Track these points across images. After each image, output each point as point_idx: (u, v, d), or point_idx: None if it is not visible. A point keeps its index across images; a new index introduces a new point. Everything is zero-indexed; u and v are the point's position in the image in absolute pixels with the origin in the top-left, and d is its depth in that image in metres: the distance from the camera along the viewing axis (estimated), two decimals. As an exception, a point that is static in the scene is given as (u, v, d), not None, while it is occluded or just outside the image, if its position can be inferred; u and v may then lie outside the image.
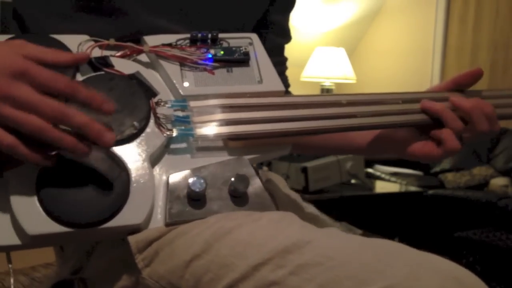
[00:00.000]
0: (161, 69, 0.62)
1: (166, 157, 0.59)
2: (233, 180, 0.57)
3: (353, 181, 2.75)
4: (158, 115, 0.58)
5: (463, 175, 3.11)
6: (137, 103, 0.58)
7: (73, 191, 0.51)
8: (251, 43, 0.67)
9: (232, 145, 0.61)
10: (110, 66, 0.59)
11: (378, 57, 4.02)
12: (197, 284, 0.51)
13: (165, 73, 0.62)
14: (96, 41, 0.60)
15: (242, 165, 0.60)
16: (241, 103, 0.62)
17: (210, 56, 0.63)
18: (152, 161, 0.57)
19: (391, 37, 3.96)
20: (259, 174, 0.79)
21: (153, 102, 0.59)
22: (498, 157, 3.22)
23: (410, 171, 3.28)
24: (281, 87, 0.66)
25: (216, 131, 0.59)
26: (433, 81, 3.69)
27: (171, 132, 0.58)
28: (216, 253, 0.51)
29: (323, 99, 0.66)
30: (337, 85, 3.69)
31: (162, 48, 0.62)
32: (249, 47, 0.66)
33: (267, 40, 0.80)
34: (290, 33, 0.86)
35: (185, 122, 0.59)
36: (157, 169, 0.58)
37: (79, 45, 0.59)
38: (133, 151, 0.56)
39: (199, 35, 0.63)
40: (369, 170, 3.21)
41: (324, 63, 3.45)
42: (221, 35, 0.65)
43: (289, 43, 0.88)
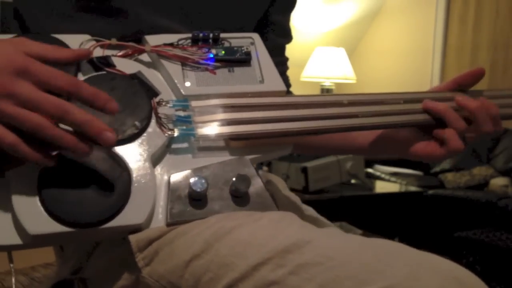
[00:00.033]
0: (162, 69, 0.62)
1: (167, 157, 0.59)
2: (234, 180, 0.57)
3: (353, 181, 2.75)
4: (159, 115, 0.58)
5: (463, 175, 3.11)
6: (139, 102, 0.57)
7: (75, 191, 0.51)
8: (253, 43, 0.67)
9: (233, 145, 0.61)
10: (111, 65, 0.59)
11: (378, 57, 4.02)
12: (197, 283, 0.51)
13: (166, 73, 0.62)
14: (97, 41, 0.60)
15: (243, 165, 0.60)
16: (243, 103, 0.62)
17: (211, 56, 0.63)
18: (153, 161, 0.57)
19: (391, 37, 3.96)
20: (260, 174, 0.79)
21: (155, 101, 0.59)
22: (498, 157, 3.22)
23: (410, 171, 3.29)
24: (282, 87, 0.66)
25: (217, 131, 0.59)
26: (433, 81, 3.69)
27: (172, 132, 0.58)
28: (216, 253, 0.51)
29: (325, 99, 0.65)
30: (337, 85, 3.69)
31: (163, 47, 0.62)
32: (251, 47, 0.66)
33: (268, 40, 0.80)
34: (291, 33, 0.86)
35: (186, 122, 0.59)
36: (159, 169, 0.58)
37: (81, 44, 0.59)
38: (135, 151, 0.56)
39: (201, 34, 0.63)
40: (369, 170, 3.21)
41: (324, 63, 3.45)
42: (223, 34, 0.65)
43: (289, 43, 0.88)
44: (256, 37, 0.67)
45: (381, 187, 2.99)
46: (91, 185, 0.52)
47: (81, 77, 0.58)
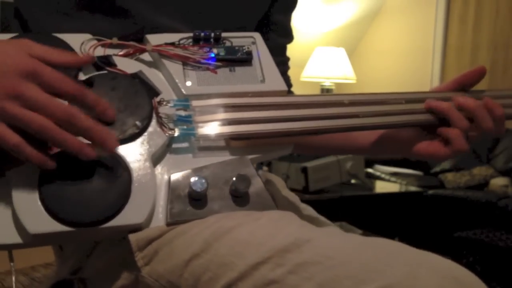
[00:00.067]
0: (163, 68, 0.62)
1: (168, 156, 0.59)
2: (234, 180, 0.57)
3: (353, 181, 2.75)
4: (160, 115, 0.58)
5: (463, 175, 3.11)
6: (140, 102, 0.57)
7: (75, 190, 0.51)
8: (254, 42, 0.66)
9: (234, 145, 0.61)
10: (112, 65, 0.59)
11: (378, 57, 4.02)
12: (196, 283, 0.52)
13: (167, 72, 0.61)
14: (98, 40, 0.60)
15: (243, 165, 0.60)
16: (243, 103, 0.62)
17: (213, 55, 0.63)
18: (154, 161, 0.57)
19: (391, 37, 3.96)
20: (259, 174, 0.79)
21: (156, 101, 0.59)
22: (498, 157, 3.22)
23: (410, 171, 3.29)
24: (283, 86, 0.66)
25: (218, 130, 0.59)
26: (433, 81, 3.69)
27: (173, 131, 0.58)
28: (215, 253, 0.51)
29: (325, 99, 0.65)
30: (337, 85, 3.69)
31: (165, 47, 0.62)
32: (252, 46, 0.66)
33: (269, 40, 0.80)
34: (292, 33, 0.86)
35: (187, 121, 0.59)
36: (159, 168, 0.58)
37: (82, 44, 0.59)
38: (135, 151, 0.56)
39: (202, 34, 0.63)
40: (369, 170, 3.21)
41: (324, 63, 3.45)
42: (224, 34, 0.65)
43: (290, 43, 0.87)
44: (257, 36, 0.67)
45: (381, 187, 2.99)
46: (91, 184, 0.52)
47: (82, 77, 0.58)
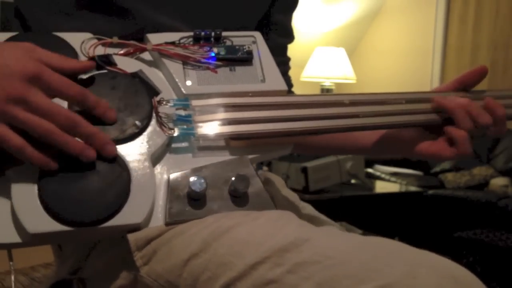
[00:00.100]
0: (163, 68, 0.62)
1: (167, 156, 0.59)
2: (233, 180, 0.57)
3: (353, 181, 2.75)
4: (160, 114, 0.58)
5: (463, 175, 3.11)
6: (139, 101, 0.57)
7: (74, 190, 0.51)
8: (255, 42, 0.66)
9: (233, 145, 0.61)
10: (113, 64, 0.59)
11: (378, 57, 4.02)
12: (195, 282, 0.51)
13: (167, 72, 0.61)
14: (99, 39, 0.60)
15: (242, 165, 0.60)
16: (244, 103, 0.61)
17: (213, 54, 0.63)
18: (153, 160, 0.57)
19: (391, 37, 3.96)
20: (258, 174, 0.79)
21: (155, 100, 0.59)
22: (498, 157, 3.22)
23: (410, 171, 3.29)
24: (283, 86, 0.65)
25: (217, 130, 0.59)
26: (433, 81, 3.69)
27: (172, 131, 0.58)
28: (214, 252, 0.51)
29: (326, 99, 0.65)
30: (337, 85, 3.69)
31: (165, 46, 0.62)
32: (253, 45, 0.66)
33: (270, 40, 0.80)
34: (293, 33, 0.86)
35: (186, 121, 0.59)
36: (158, 168, 0.58)
37: (82, 43, 0.59)
38: (135, 150, 0.56)
39: (203, 33, 0.63)
40: (369, 170, 3.21)
41: (324, 63, 3.45)
42: (225, 33, 0.64)
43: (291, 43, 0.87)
44: (258, 35, 0.67)
45: (381, 187, 2.99)
46: (90, 184, 0.52)
47: (83, 76, 0.57)
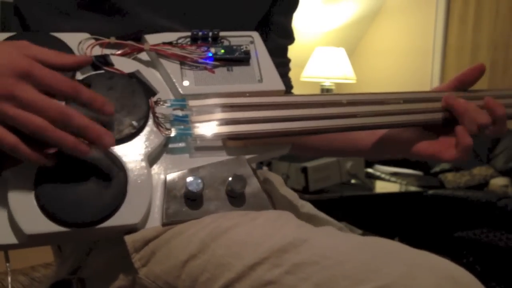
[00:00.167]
0: (161, 68, 0.62)
1: (164, 156, 0.59)
2: (230, 180, 0.57)
3: (353, 181, 2.75)
4: (157, 115, 0.58)
5: (463, 175, 3.10)
6: (136, 102, 0.57)
7: (71, 191, 0.51)
8: (252, 42, 0.66)
9: (231, 145, 0.61)
10: (110, 64, 0.59)
11: (378, 57, 4.02)
12: (194, 284, 0.51)
13: (165, 72, 0.61)
14: (96, 39, 0.60)
15: (239, 165, 0.60)
16: (241, 103, 0.61)
17: (210, 54, 0.63)
18: (150, 161, 0.57)
19: (391, 37, 3.95)
20: (257, 173, 0.79)
21: (152, 101, 0.59)
22: (498, 157, 3.22)
23: (410, 171, 3.28)
24: (281, 86, 0.65)
25: (215, 130, 0.59)
26: (433, 81, 3.69)
27: (169, 131, 0.58)
28: (212, 253, 0.51)
29: (324, 99, 0.65)
30: (337, 85, 3.69)
31: (162, 46, 0.62)
32: (250, 45, 0.66)
33: (270, 41, 0.80)
34: (293, 34, 0.86)
35: (184, 121, 0.59)
36: (155, 168, 0.58)
37: (80, 43, 0.59)
38: (131, 151, 0.56)
39: (200, 33, 0.63)
40: (369, 170, 3.21)
41: (324, 63, 3.45)
42: (222, 33, 0.64)
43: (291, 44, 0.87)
44: (255, 35, 0.67)
45: (381, 187, 2.99)
46: (87, 185, 0.52)
47: (80, 76, 0.57)
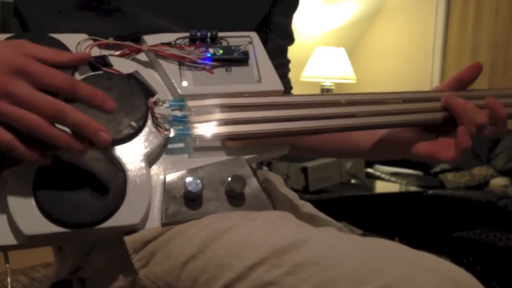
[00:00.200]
0: (159, 69, 0.62)
1: (163, 157, 0.59)
2: (229, 180, 0.57)
3: (353, 181, 2.75)
4: (156, 115, 0.58)
5: (463, 175, 3.11)
6: (135, 102, 0.57)
7: (70, 192, 0.51)
8: (251, 42, 0.66)
9: (230, 145, 0.61)
10: (108, 65, 0.59)
11: (378, 57, 4.02)
12: (194, 284, 0.51)
13: (163, 73, 0.61)
14: (95, 40, 0.60)
15: (239, 165, 0.60)
16: (240, 103, 0.61)
17: (209, 55, 0.63)
18: (149, 161, 0.57)
19: (391, 37, 3.95)
20: (257, 173, 0.79)
21: (151, 101, 0.59)
22: (498, 157, 3.22)
23: (410, 171, 3.28)
24: (280, 86, 0.65)
25: (213, 131, 0.59)
26: (433, 81, 3.69)
27: (168, 132, 0.58)
28: (212, 254, 0.51)
29: (322, 99, 0.65)
30: (337, 85, 3.69)
31: (161, 47, 0.62)
32: (249, 46, 0.66)
33: (270, 41, 0.79)
34: (293, 35, 0.86)
35: (182, 122, 0.59)
36: (155, 169, 0.58)
37: (78, 44, 0.59)
38: (130, 151, 0.56)
39: (198, 34, 0.63)
40: (369, 170, 3.21)
41: (324, 63, 3.45)
42: (221, 34, 0.64)
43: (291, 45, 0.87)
44: (254, 36, 0.67)
45: (381, 187, 3.00)
46: (86, 185, 0.52)
47: (78, 77, 0.57)
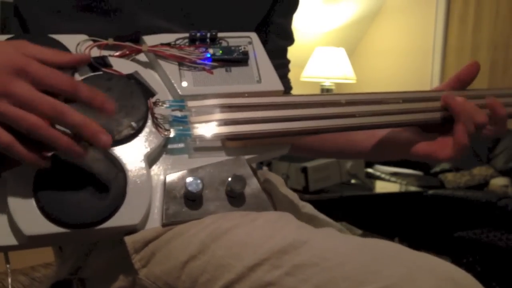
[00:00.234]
0: (159, 69, 0.62)
1: (163, 157, 0.59)
2: (229, 180, 0.57)
3: (353, 181, 2.75)
4: (156, 115, 0.58)
5: (463, 175, 3.11)
6: (135, 103, 0.57)
7: (70, 192, 0.51)
8: (250, 42, 0.66)
9: (230, 145, 0.61)
10: (108, 66, 0.59)
11: (378, 57, 4.02)
12: (194, 285, 0.51)
13: (163, 73, 0.61)
14: (94, 41, 0.60)
15: (239, 165, 0.60)
16: (239, 103, 0.61)
17: (209, 55, 0.63)
18: (149, 162, 0.57)
19: (391, 37, 3.96)
20: (257, 174, 0.79)
21: (151, 102, 0.59)
22: (498, 157, 3.22)
23: (410, 171, 3.28)
24: (279, 86, 0.65)
25: (214, 131, 0.59)
26: (433, 81, 3.69)
27: (168, 132, 0.58)
28: (212, 254, 0.51)
29: (322, 99, 0.65)
30: (337, 85, 3.69)
31: (160, 47, 0.62)
32: (248, 46, 0.66)
33: (270, 42, 0.80)
34: (293, 36, 0.86)
35: (183, 122, 0.59)
36: (155, 169, 0.58)
37: (78, 45, 0.59)
38: (131, 152, 0.56)
39: (198, 34, 0.63)
40: (369, 170, 3.22)
41: (324, 63, 3.45)
42: (220, 34, 0.64)
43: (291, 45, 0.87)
44: (254, 36, 0.67)
45: (381, 187, 3.00)
46: (86, 186, 0.52)
47: (78, 78, 0.57)
